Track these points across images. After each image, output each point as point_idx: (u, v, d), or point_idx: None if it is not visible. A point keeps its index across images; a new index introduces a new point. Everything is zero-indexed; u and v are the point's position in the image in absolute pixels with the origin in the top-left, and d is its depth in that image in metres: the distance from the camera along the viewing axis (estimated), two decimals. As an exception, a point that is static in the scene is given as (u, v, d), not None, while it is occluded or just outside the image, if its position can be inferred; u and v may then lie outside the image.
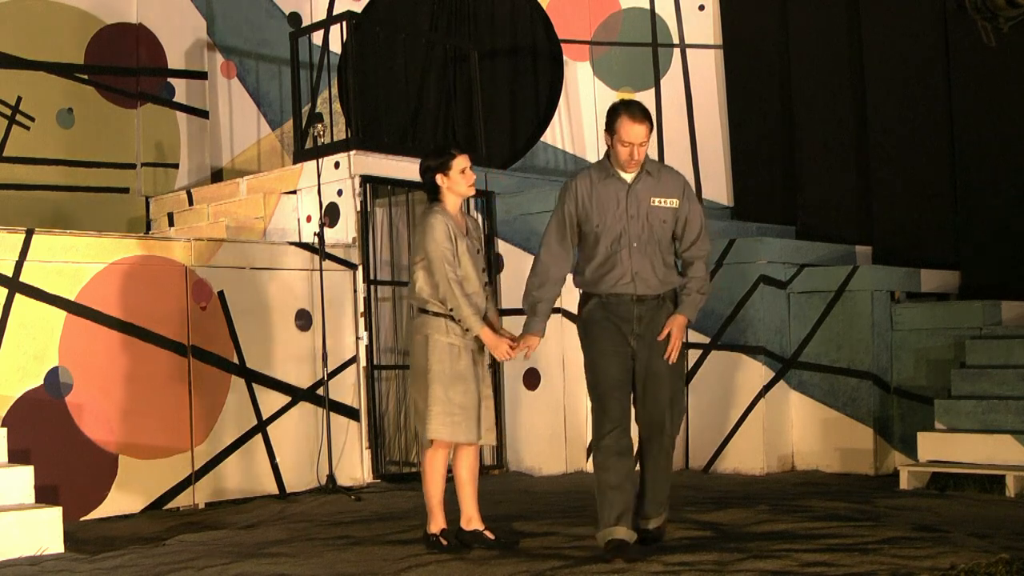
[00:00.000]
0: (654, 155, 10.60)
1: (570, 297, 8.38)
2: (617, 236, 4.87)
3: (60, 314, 6.61)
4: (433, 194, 5.22)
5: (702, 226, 5.06)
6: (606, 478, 4.81)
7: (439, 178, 5.17)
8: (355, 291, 8.00)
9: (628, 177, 4.91)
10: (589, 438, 8.27)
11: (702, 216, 5.09)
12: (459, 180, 5.17)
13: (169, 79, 10.01)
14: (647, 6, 10.70)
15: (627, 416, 4.87)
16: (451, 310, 5.06)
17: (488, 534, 5.19)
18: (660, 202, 4.91)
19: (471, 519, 5.21)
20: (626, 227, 4.87)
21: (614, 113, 4.88)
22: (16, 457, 5.99)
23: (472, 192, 5.28)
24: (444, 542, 5.15)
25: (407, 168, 7.85)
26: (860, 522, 5.56)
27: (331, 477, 7.44)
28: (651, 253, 4.90)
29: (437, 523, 5.19)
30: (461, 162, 5.17)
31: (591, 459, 4.96)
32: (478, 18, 10.51)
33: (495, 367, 8.51)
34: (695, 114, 10.60)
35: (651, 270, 4.90)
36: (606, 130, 4.92)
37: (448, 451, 5.16)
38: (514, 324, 8.52)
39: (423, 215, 5.21)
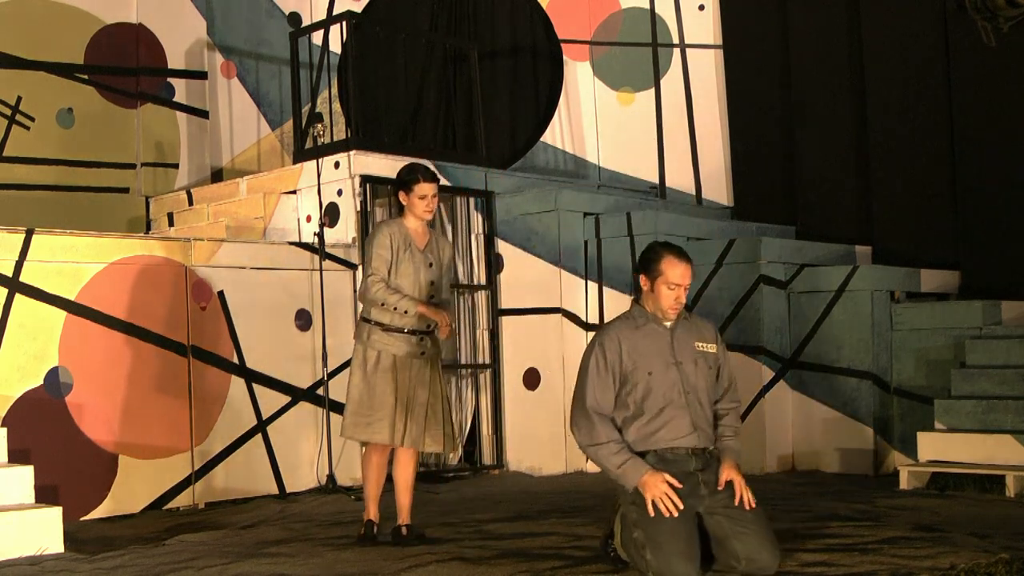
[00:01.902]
0: (654, 155, 10.63)
1: (570, 296, 8.39)
2: (670, 384, 4.51)
3: (60, 314, 6.61)
4: (400, 209, 5.50)
5: (733, 376, 4.76)
6: None
7: (401, 195, 5.44)
8: (355, 291, 7.99)
9: (667, 323, 4.59)
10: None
11: (731, 366, 4.79)
12: (416, 203, 5.40)
13: (169, 79, 10.02)
14: (647, 6, 10.70)
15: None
16: (383, 305, 5.30)
17: (403, 530, 5.43)
18: (703, 347, 4.62)
19: (400, 514, 5.47)
20: (678, 374, 4.53)
21: (655, 254, 4.54)
22: (16, 457, 5.98)
23: (426, 218, 5.44)
24: (361, 532, 5.46)
25: (407, 168, 7.86)
26: (860, 522, 5.56)
27: (331, 477, 7.44)
28: (704, 403, 4.58)
29: (367, 514, 5.49)
30: (423, 188, 5.37)
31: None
32: (478, 18, 10.51)
33: (495, 369, 8.52)
34: (695, 114, 10.59)
35: (705, 421, 4.57)
36: (642, 272, 4.57)
37: (378, 453, 5.45)
38: (514, 324, 8.57)
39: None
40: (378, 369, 5.32)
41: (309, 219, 8.28)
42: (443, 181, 8.44)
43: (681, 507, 4.32)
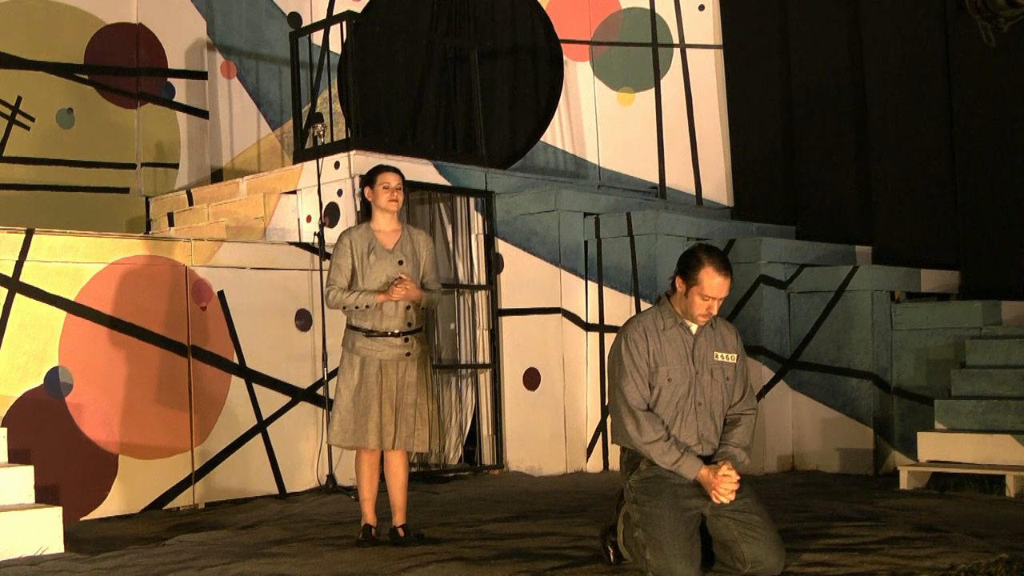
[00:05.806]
0: (654, 155, 10.64)
1: (570, 296, 8.39)
2: (684, 393, 4.50)
3: (60, 314, 6.61)
4: (367, 209, 5.61)
5: (750, 382, 4.69)
6: None
7: (367, 191, 5.55)
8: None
9: (693, 327, 4.57)
10: (589, 438, 8.34)
11: (749, 371, 4.74)
12: (381, 193, 5.50)
13: (169, 79, 10.01)
14: (647, 6, 10.70)
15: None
16: (344, 310, 5.42)
17: (399, 531, 5.46)
18: (722, 356, 4.57)
19: (395, 515, 5.49)
20: (693, 383, 4.51)
21: (695, 261, 4.44)
22: (16, 457, 5.99)
23: (391, 208, 5.51)
24: (360, 536, 5.47)
25: (407, 168, 7.85)
26: (860, 522, 5.56)
27: (331, 477, 7.44)
28: (716, 414, 4.53)
29: (364, 518, 5.50)
30: (386, 178, 5.51)
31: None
32: (478, 18, 10.50)
33: (495, 369, 8.51)
34: (695, 114, 10.60)
35: (714, 432, 4.53)
36: (679, 275, 4.50)
37: (368, 455, 5.47)
38: (514, 323, 8.57)
39: None
40: (364, 375, 5.36)
41: (309, 219, 8.29)
42: (443, 181, 8.47)
43: (732, 498, 4.35)
